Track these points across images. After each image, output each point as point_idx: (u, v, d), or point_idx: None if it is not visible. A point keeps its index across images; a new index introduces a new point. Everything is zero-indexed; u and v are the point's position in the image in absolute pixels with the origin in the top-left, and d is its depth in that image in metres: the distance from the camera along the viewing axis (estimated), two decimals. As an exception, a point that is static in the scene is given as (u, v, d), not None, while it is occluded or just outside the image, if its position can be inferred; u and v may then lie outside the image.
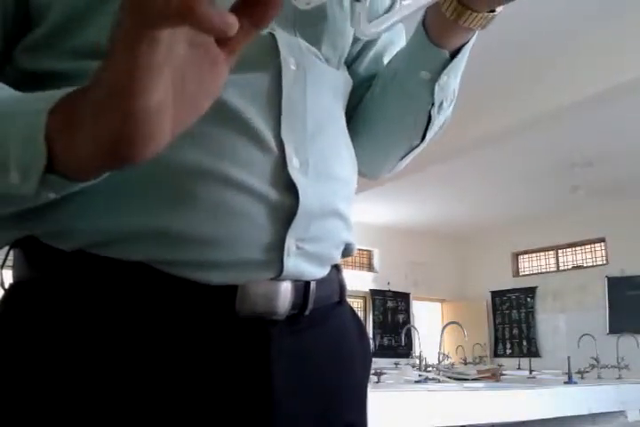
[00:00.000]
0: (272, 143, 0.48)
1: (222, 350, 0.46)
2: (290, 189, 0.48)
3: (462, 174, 6.21)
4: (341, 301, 0.59)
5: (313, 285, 0.52)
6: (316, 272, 0.53)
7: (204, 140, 0.45)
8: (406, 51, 0.61)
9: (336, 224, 0.54)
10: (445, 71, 0.58)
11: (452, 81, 0.60)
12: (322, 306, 0.54)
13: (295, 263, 0.49)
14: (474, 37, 0.57)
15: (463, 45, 0.57)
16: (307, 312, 0.51)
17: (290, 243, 0.48)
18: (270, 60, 0.50)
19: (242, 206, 0.46)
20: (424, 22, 0.57)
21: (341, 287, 0.59)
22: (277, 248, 0.48)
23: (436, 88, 0.58)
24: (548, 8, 3.57)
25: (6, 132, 0.37)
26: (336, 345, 0.56)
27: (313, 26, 0.55)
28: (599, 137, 5.21)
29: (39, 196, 0.38)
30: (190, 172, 0.45)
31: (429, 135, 0.64)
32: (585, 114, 4.50)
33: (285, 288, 0.49)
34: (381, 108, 0.63)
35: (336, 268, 0.58)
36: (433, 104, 0.60)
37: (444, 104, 0.61)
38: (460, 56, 0.57)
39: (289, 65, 0.51)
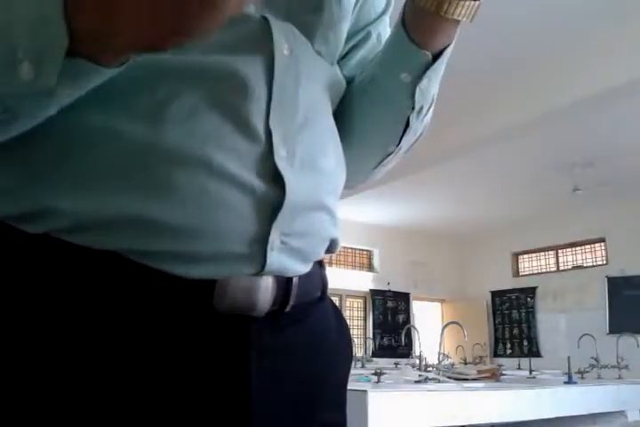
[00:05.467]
0: (259, 131, 0.46)
1: (199, 348, 0.44)
2: (276, 180, 0.46)
3: (462, 174, 6.21)
4: (323, 296, 0.57)
5: (295, 280, 0.50)
6: (300, 268, 0.51)
7: (188, 124, 0.43)
8: (385, 53, 0.57)
9: (322, 219, 0.52)
10: (427, 74, 0.54)
11: (433, 85, 0.56)
12: (303, 302, 0.52)
13: (278, 259, 0.47)
14: (454, 39, 0.54)
15: (445, 47, 0.54)
16: (288, 309, 0.50)
17: (274, 237, 0.46)
18: (262, 43, 0.48)
19: (225, 196, 0.43)
20: (403, 21, 0.53)
21: (323, 283, 0.57)
22: (261, 242, 0.46)
23: (417, 91, 0.55)
24: (550, 8, 3.57)
25: (10, 16, 0.32)
26: (316, 342, 0.54)
27: (307, 15, 0.53)
28: (599, 137, 5.21)
29: (54, 93, 0.34)
30: (171, 156, 0.42)
31: (405, 141, 0.61)
32: (585, 114, 4.51)
33: (266, 284, 0.47)
34: (358, 113, 0.60)
35: (319, 263, 0.56)
36: (413, 108, 0.57)
37: (424, 109, 0.58)
38: (442, 57, 0.54)
39: (282, 50, 0.49)
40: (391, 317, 8.56)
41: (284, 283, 0.49)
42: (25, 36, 0.32)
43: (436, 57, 0.54)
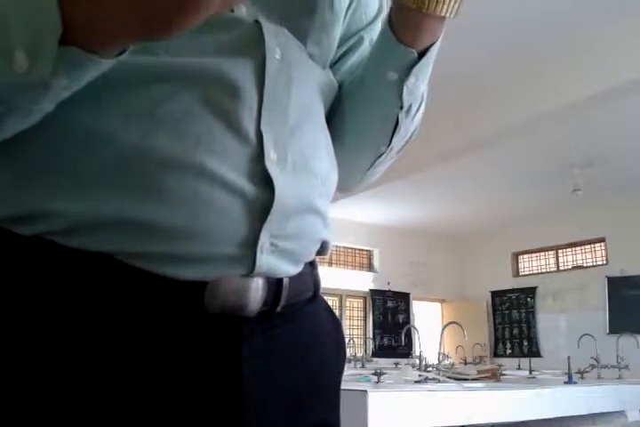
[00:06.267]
0: (250, 134, 0.46)
1: (190, 349, 0.44)
2: (266, 183, 0.46)
3: (462, 175, 6.21)
4: (315, 296, 0.57)
5: (286, 281, 0.50)
6: (290, 270, 0.51)
7: (180, 126, 0.44)
8: (372, 52, 0.58)
9: (313, 221, 0.53)
10: (414, 72, 0.54)
11: (421, 83, 0.57)
12: (295, 302, 0.52)
13: (268, 261, 0.48)
14: (440, 37, 0.54)
15: (431, 45, 0.54)
16: (279, 309, 0.50)
17: (264, 239, 0.47)
18: (254, 47, 0.48)
19: (215, 199, 0.44)
20: (390, 21, 0.54)
21: (315, 283, 0.57)
22: (250, 244, 0.46)
23: (405, 90, 0.55)
24: (550, 8, 3.57)
25: (4, 6, 0.32)
26: (309, 342, 0.55)
27: (300, 19, 0.53)
28: (599, 137, 5.21)
29: (50, 84, 0.34)
30: (162, 160, 0.42)
31: (396, 141, 0.61)
32: (585, 114, 4.50)
33: (257, 285, 0.47)
34: (349, 114, 0.61)
35: (310, 263, 0.56)
36: (401, 107, 0.57)
37: (413, 108, 0.58)
38: (428, 55, 0.54)
39: (273, 54, 0.49)
40: (391, 317, 8.56)
41: (274, 284, 0.49)
42: (19, 25, 0.33)
43: (423, 55, 0.54)
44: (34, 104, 0.37)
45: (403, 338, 6.26)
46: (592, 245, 7.82)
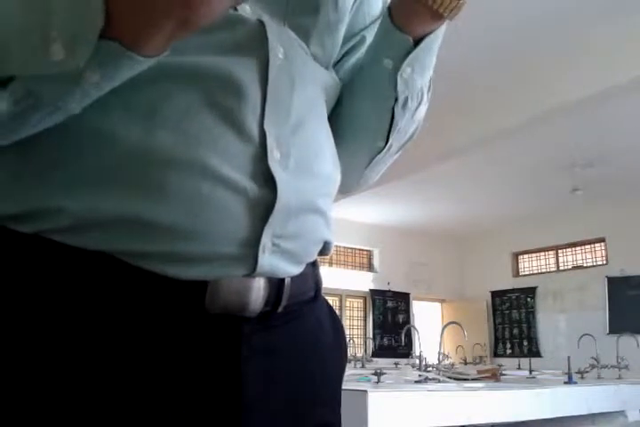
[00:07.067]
0: (254, 133, 0.46)
1: (191, 349, 0.44)
2: (269, 182, 0.46)
3: (462, 174, 6.21)
4: (316, 296, 0.57)
5: (287, 281, 0.50)
6: (292, 270, 0.51)
7: (182, 125, 0.43)
8: (372, 40, 0.58)
9: (315, 221, 0.53)
10: (408, 60, 0.54)
11: (418, 76, 0.56)
12: (296, 302, 0.52)
13: (270, 261, 0.47)
14: (442, 29, 0.54)
15: (428, 34, 0.54)
16: (280, 309, 0.50)
17: (266, 239, 0.47)
18: (258, 47, 0.48)
19: (218, 198, 0.44)
20: (389, 7, 0.54)
21: (317, 283, 0.57)
22: (252, 244, 0.46)
23: (399, 80, 0.55)
24: (550, 8, 3.57)
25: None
26: (310, 342, 0.54)
27: (304, 18, 0.53)
28: (599, 137, 5.21)
29: (82, 78, 0.35)
30: (164, 159, 0.42)
31: (395, 139, 0.61)
32: (585, 114, 4.50)
33: (258, 285, 0.47)
34: (346, 107, 0.61)
35: (312, 263, 0.56)
36: (396, 100, 0.57)
37: (409, 103, 0.58)
38: (423, 44, 0.54)
39: (277, 54, 0.49)
40: (391, 317, 8.56)
41: (275, 284, 0.49)
42: (60, 13, 0.33)
43: (419, 43, 0.54)
44: (61, 100, 0.37)
45: (403, 338, 6.26)
46: (592, 245, 7.82)
